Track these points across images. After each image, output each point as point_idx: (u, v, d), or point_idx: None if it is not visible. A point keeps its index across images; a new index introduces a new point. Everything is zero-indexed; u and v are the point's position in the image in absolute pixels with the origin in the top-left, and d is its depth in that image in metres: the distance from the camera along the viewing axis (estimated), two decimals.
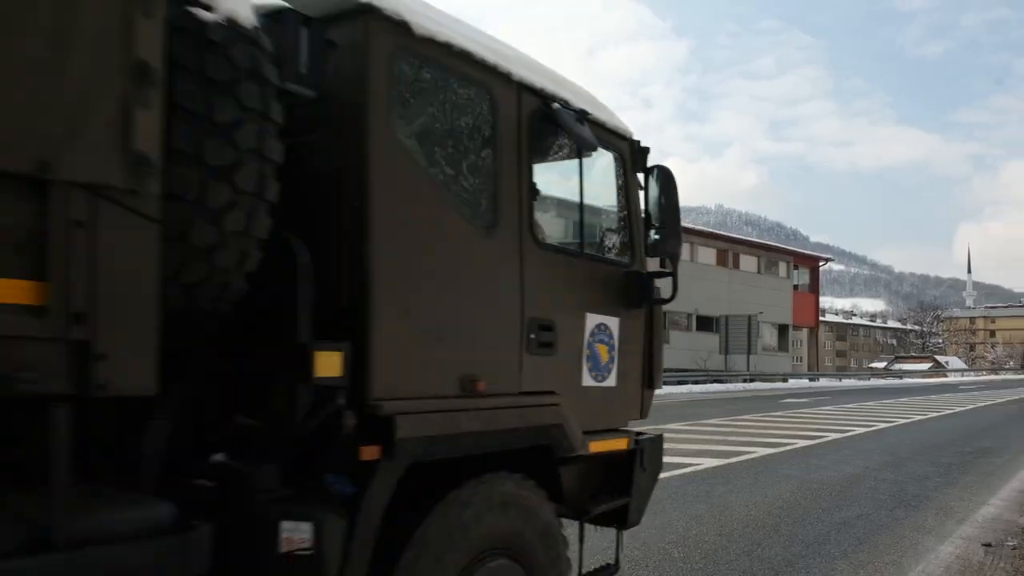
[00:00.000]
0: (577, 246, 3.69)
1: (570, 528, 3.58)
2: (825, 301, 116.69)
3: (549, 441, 3.24)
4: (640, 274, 3.89)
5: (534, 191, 3.32)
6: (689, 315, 43.66)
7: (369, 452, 2.51)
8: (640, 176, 4.02)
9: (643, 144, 4.05)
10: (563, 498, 3.43)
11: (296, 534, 2.34)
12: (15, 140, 1.76)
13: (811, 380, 47.56)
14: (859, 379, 57.92)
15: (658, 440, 4.21)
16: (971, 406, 27.29)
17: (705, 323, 44.30)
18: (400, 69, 2.80)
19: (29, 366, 1.79)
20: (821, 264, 61.08)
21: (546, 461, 3.28)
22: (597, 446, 3.60)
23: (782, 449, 12.81)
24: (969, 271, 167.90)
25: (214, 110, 2.13)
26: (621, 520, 3.97)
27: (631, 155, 3.98)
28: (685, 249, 32.95)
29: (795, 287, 53.13)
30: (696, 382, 35.29)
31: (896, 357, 75.49)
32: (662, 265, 4.10)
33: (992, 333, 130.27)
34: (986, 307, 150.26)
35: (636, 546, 6.03)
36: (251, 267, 2.32)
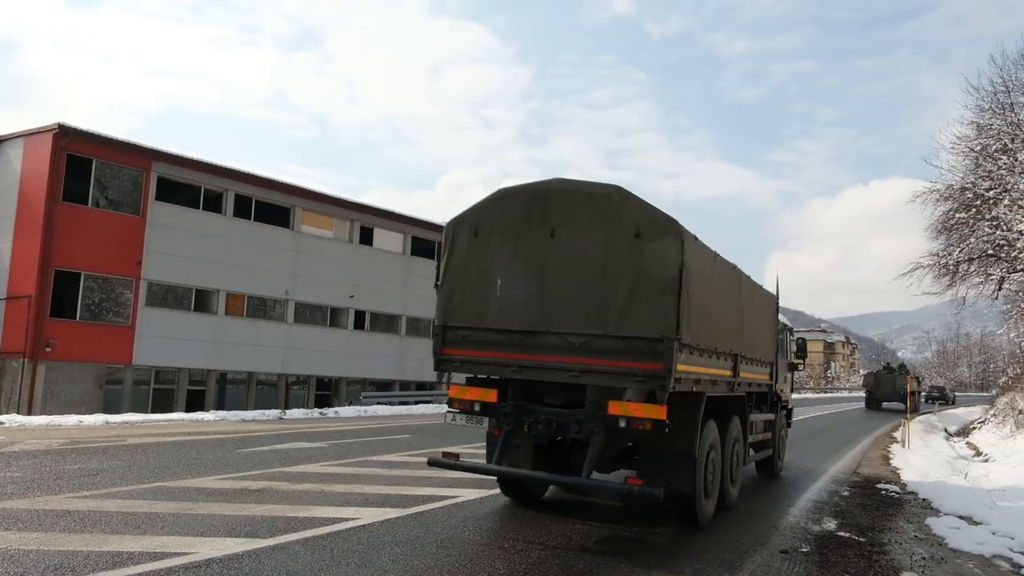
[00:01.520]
0: (783, 355, 13.88)
1: None
2: None
3: (789, 405, 15.25)
4: (792, 362, 15.34)
5: (786, 347, 14.38)
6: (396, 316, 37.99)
7: (779, 404, 13.82)
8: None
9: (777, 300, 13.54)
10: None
11: (763, 417, 12.28)
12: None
13: None
14: None
15: (792, 407, 15.70)
16: None
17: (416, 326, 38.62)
18: (787, 335, 14.89)
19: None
20: None
21: (786, 409, 15.00)
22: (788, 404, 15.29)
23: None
24: (777, 297, 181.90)
25: (787, 353, 14.88)
26: (788, 426, 15.45)
27: (790, 330, 15.01)
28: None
29: None
30: (410, 402, 32.02)
31: None
32: (798, 358, 16.23)
33: None
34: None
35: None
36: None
